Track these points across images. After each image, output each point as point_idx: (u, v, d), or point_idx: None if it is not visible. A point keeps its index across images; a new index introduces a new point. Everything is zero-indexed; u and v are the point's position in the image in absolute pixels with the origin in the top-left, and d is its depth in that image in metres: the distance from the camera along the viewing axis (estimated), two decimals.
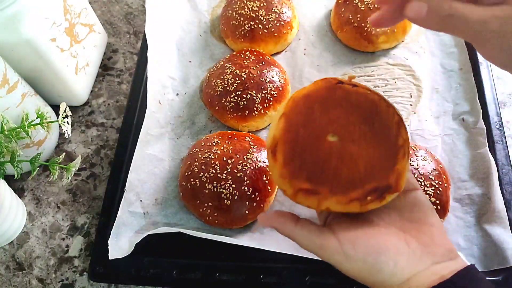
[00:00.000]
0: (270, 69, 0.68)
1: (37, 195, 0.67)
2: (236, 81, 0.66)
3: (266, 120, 0.67)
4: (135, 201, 0.61)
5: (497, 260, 0.54)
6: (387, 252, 0.38)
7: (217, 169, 0.58)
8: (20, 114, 0.59)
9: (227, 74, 0.67)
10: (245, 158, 0.58)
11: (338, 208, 0.39)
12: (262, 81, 0.66)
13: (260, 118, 0.66)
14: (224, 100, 0.66)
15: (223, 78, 0.67)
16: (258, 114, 0.65)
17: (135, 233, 0.58)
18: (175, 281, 0.56)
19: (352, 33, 0.72)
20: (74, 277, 0.61)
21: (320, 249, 0.40)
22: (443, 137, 0.65)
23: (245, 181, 0.57)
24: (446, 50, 0.73)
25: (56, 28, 0.62)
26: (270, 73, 0.67)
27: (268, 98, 0.66)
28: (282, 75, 0.68)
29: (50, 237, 0.64)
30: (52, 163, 0.58)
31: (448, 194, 0.58)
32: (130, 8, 0.87)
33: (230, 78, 0.66)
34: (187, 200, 0.60)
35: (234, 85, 0.65)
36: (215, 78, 0.68)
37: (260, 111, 0.65)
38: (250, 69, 0.67)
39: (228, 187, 0.57)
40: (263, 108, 0.65)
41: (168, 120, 0.69)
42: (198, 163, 0.59)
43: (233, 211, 0.57)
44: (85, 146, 0.72)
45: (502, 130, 0.64)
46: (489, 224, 0.56)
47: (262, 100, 0.65)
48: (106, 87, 0.77)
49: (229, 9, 0.75)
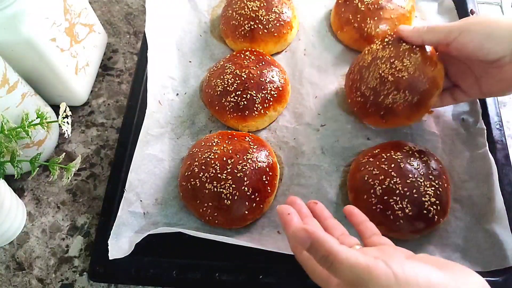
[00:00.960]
0: (270, 69, 0.68)
1: (37, 195, 0.67)
2: (236, 81, 0.66)
3: (266, 120, 0.67)
4: (135, 201, 0.61)
5: (497, 260, 0.54)
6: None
7: (217, 169, 0.58)
8: (20, 114, 0.59)
9: (227, 74, 0.67)
10: (245, 158, 0.58)
11: None
12: (262, 81, 0.66)
13: (260, 118, 0.66)
14: (224, 100, 0.66)
15: (223, 78, 0.67)
16: (258, 114, 0.65)
17: (135, 233, 0.58)
18: (175, 281, 0.56)
19: (352, 34, 0.72)
20: (74, 277, 0.61)
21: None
22: (443, 137, 0.65)
23: (245, 181, 0.57)
24: None
25: (56, 28, 0.62)
26: (270, 73, 0.67)
27: (268, 98, 0.66)
28: (282, 75, 0.68)
29: (50, 237, 0.64)
30: (52, 163, 0.58)
31: (448, 194, 0.58)
32: (130, 8, 0.87)
33: (230, 78, 0.66)
34: (187, 200, 0.60)
35: (234, 85, 0.65)
36: (215, 78, 0.68)
37: (260, 111, 0.65)
38: (250, 69, 0.67)
39: (228, 187, 0.57)
40: (263, 108, 0.65)
41: (168, 120, 0.69)
42: (198, 163, 0.59)
43: (233, 211, 0.57)
44: (85, 146, 0.72)
45: (502, 130, 0.64)
46: (489, 225, 0.56)
47: (262, 100, 0.65)
48: (106, 87, 0.77)
49: (229, 9, 0.75)
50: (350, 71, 0.66)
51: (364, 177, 0.58)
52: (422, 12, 0.78)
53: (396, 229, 0.55)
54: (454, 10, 0.76)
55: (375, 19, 0.70)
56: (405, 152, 0.59)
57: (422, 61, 0.59)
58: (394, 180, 0.56)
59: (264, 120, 0.67)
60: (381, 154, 0.59)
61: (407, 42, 0.60)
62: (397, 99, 0.59)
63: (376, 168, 0.58)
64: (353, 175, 0.60)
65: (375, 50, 0.63)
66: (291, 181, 0.63)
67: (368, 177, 0.58)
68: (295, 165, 0.64)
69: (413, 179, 0.56)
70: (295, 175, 0.64)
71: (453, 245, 0.57)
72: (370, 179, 0.57)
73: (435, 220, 0.55)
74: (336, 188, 0.62)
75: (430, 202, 0.55)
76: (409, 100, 0.59)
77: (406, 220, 0.55)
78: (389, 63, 0.60)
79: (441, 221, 0.56)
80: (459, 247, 0.56)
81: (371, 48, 0.64)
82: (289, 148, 0.66)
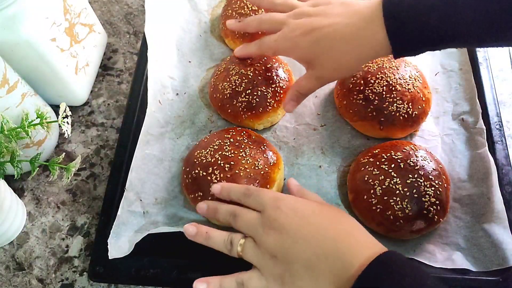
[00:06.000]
0: (273, 62, 0.68)
1: (37, 195, 0.67)
2: (244, 80, 0.66)
3: (279, 114, 0.67)
4: (135, 201, 0.61)
5: (497, 260, 0.54)
6: None
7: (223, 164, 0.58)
8: (20, 114, 0.59)
9: (232, 75, 0.67)
10: (245, 156, 0.59)
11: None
12: (269, 75, 0.66)
13: (274, 112, 0.66)
14: (236, 102, 0.65)
15: (230, 80, 0.66)
16: (272, 108, 0.66)
17: (135, 233, 0.58)
18: (175, 281, 0.56)
19: None
20: (74, 277, 0.61)
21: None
22: (443, 137, 0.65)
23: (244, 182, 0.57)
24: (446, 50, 0.73)
25: (56, 28, 0.62)
26: (274, 66, 0.68)
27: (278, 91, 0.66)
28: (284, 66, 0.69)
29: (50, 237, 0.64)
30: (52, 163, 0.58)
31: (448, 194, 0.58)
32: (130, 8, 0.87)
33: (236, 79, 0.66)
34: (189, 192, 0.60)
35: (243, 85, 0.65)
36: (221, 82, 0.67)
37: (273, 105, 0.66)
38: (254, 66, 0.67)
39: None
40: (275, 101, 0.66)
41: (168, 120, 0.69)
42: (200, 166, 0.59)
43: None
44: (85, 146, 0.72)
45: (502, 130, 0.64)
46: (488, 224, 0.56)
47: (273, 94, 0.65)
48: (106, 87, 0.77)
49: (229, 9, 0.75)
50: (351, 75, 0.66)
51: (364, 177, 0.58)
52: None
53: (396, 229, 0.55)
54: None
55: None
56: (405, 152, 0.59)
57: (423, 82, 0.64)
58: (394, 180, 0.56)
59: (278, 114, 0.67)
60: (381, 154, 0.59)
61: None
62: (400, 109, 0.61)
63: (376, 168, 0.58)
64: (353, 175, 0.60)
65: (381, 61, 0.65)
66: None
67: (368, 177, 0.58)
68: (295, 165, 0.65)
69: (413, 179, 0.56)
70: (295, 175, 0.64)
71: (453, 244, 0.57)
72: (370, 179, 0.57)
73: (435, 220, 0.55)
74: (336, 188, 0.62)
75: (430, 202, 0.55)
76: (409, 113, 0.62)
77: (406, 220, 0.55)
78: (397, 74, 0.63)
79: (441, 221, 0.56)
80: (459, 246, 0.56)
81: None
82: (289, 148, 0.66)
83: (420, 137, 0.65)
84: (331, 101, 0.69)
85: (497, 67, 0.75)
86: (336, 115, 0.68)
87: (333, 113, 0.68)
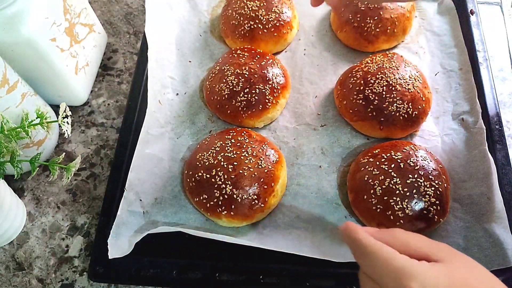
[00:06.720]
0: (267, 59, 0.68)
1: (37, 195, 0.67)
2: (240, 80, 0.66)
3: (278, 109, 0.68)
4: (135, 201, 0.61)
5: (497, 260, 0.54)
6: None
7: (225, 164, 0.58)
8: (20, 114, 0.59)
9: (228, 76, 0.67)
10: (247, 156, 0.59)
11: None
12: (265, 72, 0.66)
13: (273, 108, 0.66)
14: (235, 102, 0.65)
15: (226, 81, 0.66)
16: (271, 104, 0.66)
17: (135, 233, 0.58)
18: (175, 281, 0.56)
19: (352, 33, 0.72)
20: (74, 277, 0.61)
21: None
22: (443, 137, 0.65)
23: (249, 181, 0.57)
24: (446, 50, 0.73)
25: (56, 28, 0.62)
26: (269, 63, 0.68)
27: (276, 87, 0.66)
28: (277, 62, 0.69)
29: (50, 237, 0.64)
30: (52, 163, 0.58)
31: (448, 194, 0.58)
32: (130, 8, 0.87)
33: (233, 79, 0.66)
34: (191, 191, 0.60)
35: (240, 84, 0.66)
36: (218, 83, 0.67)
37: (272, 101, 0.66)
38: (249, 65, 0.67)
39: (231, 185, 0.57)
40: (274, 97, 0.66)
41: (168, 120, 0.69)
42: (203, 168, 0.59)
43: (240, 204, 0.57)
44: (85, 146, 0.72)
45: (502, 130, 0.64)
46: (489, 224, 0.56)
47: (271, 90, 0.66)
48: (106, 87, 0.77)
49: (229, 9, 0.75)
50: (351, 75, 0.66)
51: (364, 177, 0.58)
52: (422, 12, 0.78)
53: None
54: (454, 10, 0.76)
55: (375, 19, 0.70)
56: (405, 152, 0.59)
57: (423, 82, 0.64)
58: (394, 180, 0.56)
59: (277, 110, 0.67)
60: (381, 154, 0.59)
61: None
62: (400, 109, 0.62)
63: (376, 168, 0.58)
64: (353, 175, 0.60)
65: (381, 61, 0.66)
66: (291, 181, 0.63)
67: (368, 177, 0.58)
68: (295, 165, 0.65)
69: (413, 179, 0.56)
70: (295, 175, 0.64)
71: (454, 244, 0.56)
72: (370, 179, 0.57)
73: (435, 220, 0.55)
74: (336, 188, 0.62)
75: (430, 202, 0.55)
76: (409, 113, 0.62)
77: (406, 220, 0.55)
78: (397, 74, 0.63)
79: (441, 221, 0.56)
80: (459, 246, 0.56)
81: (375, 58, 0.67)
82: (289, 148, 0.66)
83: (420, 137, 0.65)
84: (331, 101, 0.70)
85: (497, 67, 0.75)
86: (336, 115, 0.68)
87: (333, 113, 0.69)
